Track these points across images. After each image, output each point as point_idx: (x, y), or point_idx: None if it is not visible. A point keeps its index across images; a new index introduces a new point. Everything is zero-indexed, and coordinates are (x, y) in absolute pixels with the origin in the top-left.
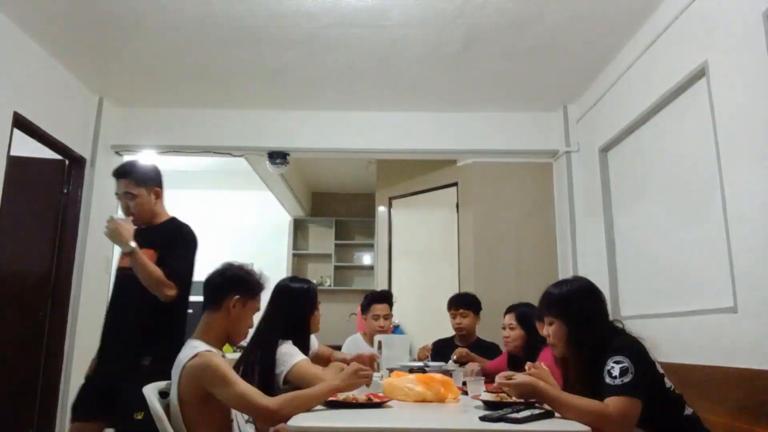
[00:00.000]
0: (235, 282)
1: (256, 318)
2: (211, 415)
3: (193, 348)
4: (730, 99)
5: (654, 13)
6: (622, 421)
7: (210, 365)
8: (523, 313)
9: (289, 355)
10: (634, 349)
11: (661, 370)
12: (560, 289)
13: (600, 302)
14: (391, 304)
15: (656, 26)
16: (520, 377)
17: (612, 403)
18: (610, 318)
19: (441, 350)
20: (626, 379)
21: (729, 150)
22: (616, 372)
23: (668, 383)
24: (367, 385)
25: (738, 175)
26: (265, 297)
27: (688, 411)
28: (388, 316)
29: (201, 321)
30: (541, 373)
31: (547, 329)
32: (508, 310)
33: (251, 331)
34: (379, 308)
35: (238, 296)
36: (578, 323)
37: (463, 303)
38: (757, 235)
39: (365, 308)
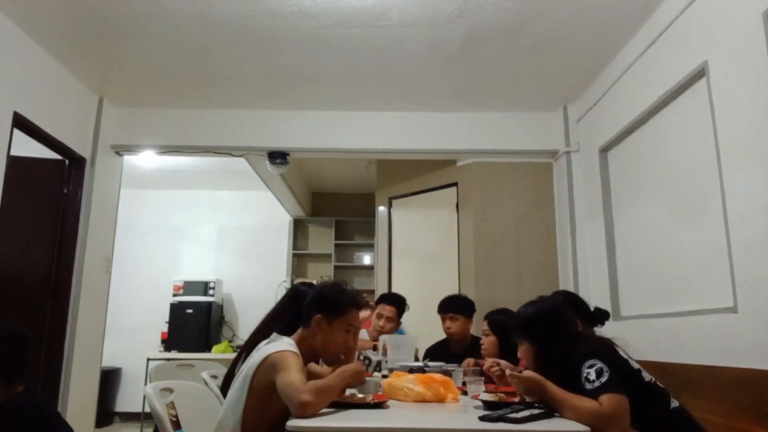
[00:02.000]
0: (320, 300)
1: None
2: (268, 413)
3: (285, 344)
4: (730, 99)
5: (654, 13)
6: (617, 417)
7: (284, 356)
8: (496, 320)
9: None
10: (600, 350)
11: (636, 365)
12: (525, 311)
13: (562, 321)
14: (399, 309)
15: (656, 26)
16: (528, 372)
17: (602, 402)
18: (578, 327)
19: (436, 354)
20: (604, 379)
21: (729, 150)
22: (593, 376)
23: (648, 377)
24: (361, 381)
25: (738, 175)
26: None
27: (675, 404)
28: (390, 319)
29: (296, 333)
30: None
31: (520, 350)
32: (485, 317)
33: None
34: (383, 308)
35: (321, 315)
36: (543, 344)
37: (452, 307)
38: (757, 235)
39: (376, 306)
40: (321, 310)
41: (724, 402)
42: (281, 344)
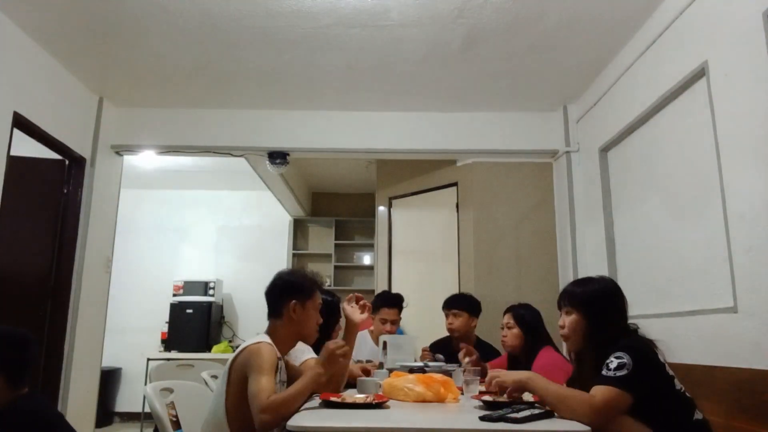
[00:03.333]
0: (289, 288)
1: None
2: (248, 406)
3: (260, 337)
4: (730, 99)
5: (654, 13)
6: (604, 408)
7: (260, 351)
8: (521, 314)
9: (300, 351)
10: (637, 348)
11: (671, 372)
12: (586, 287)
13: (622, 306)
14: (401, 309)
15: (656, 26)
16: (513, 373)
17: (599, 391)
18: (629, 321)
19: (438, 349)
20: (620, 373)
21: (729, 150)
22: (613, 365)
23: (679, 386)
24: (345, 357)
25: (738, 175)
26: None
27: (698, 416)
28: (395, 322)
29: (268, 326)
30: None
31: (564, 319)
32: (507, 310)
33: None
34: (387, 312)
35: (294, 301)
36: (598, 322)
37: (456, 303)
38: (757, 235)
39: (375, 309)
40: (292, 296)
41: (724, 402)
42: (257, 337)
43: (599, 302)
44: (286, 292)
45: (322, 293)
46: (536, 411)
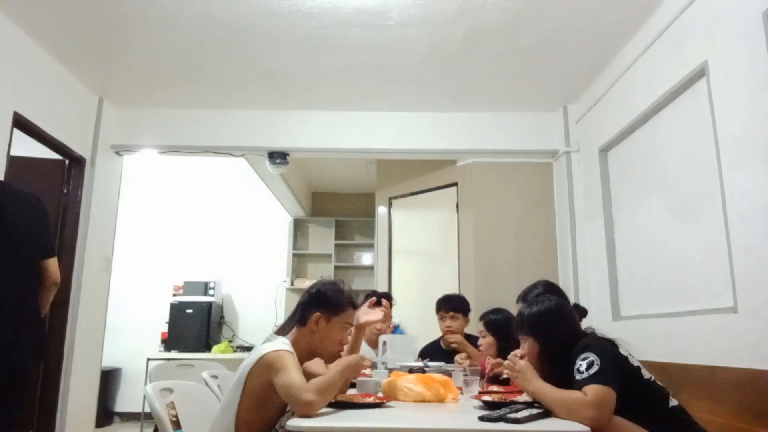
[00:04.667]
0: (319, 299)
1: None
2: (263, 412)
3: (280, 344)
4: (730, 99)
5: (654, 13)
6: (599, 405)
7: (281, 357)
8: (492, 320)
9: None
10: (597, 345)
11: (636, 363)
12: (530, 309)
13: (569, 319)
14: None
15: (656, 26)
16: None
17: (587, 391)
18: (582, 327)
19: (430, 355)
20: (592, 370)
21: (729, 150)
22: (583, 367)
23: (647, 375)
24: (355, 375)
25: (738, 175)
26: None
27: (674, 402)
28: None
29: (292, 332)
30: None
31: (523, 347)
32: (480, 318)
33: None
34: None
35: (320, 313)
36: (548, 341)
37: (453, 306)
38: (757, 235)
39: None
40: (320, 308)
41: (724, 402)
42: (276, 344)
43: (545, 322)
44: (315, 302)
45: (350, 305)
46: (535, 411)
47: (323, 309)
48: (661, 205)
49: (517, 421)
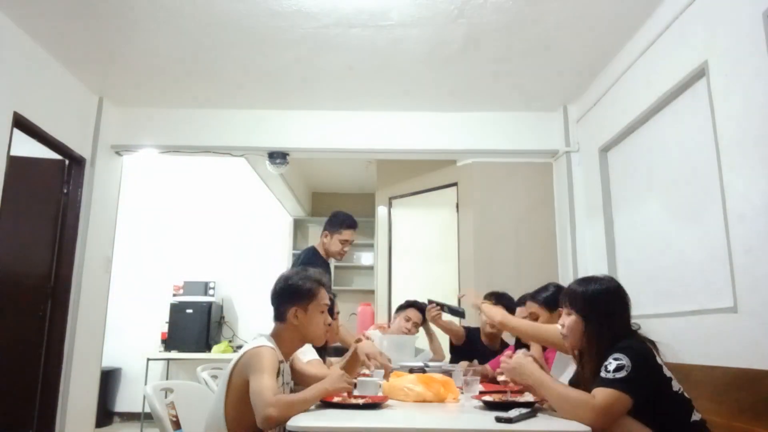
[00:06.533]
0: (290, 293)
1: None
2: (250, 408)
3: (260, 340)
4: (730, 99)
5: (654, 13)
6: (604, 411)
7: (260, 354)
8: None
9: (302, 352)
10: (636, 350)
11: (668, 374)
12: (587, 287)
13: (624, 307)
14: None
15: (656, 26)
16: (514, 358)
17: (599, 393)
18: (632, 320)
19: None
20: (619, 375)
21: (729, 150)
22: (611, 367)
23: (677, 387)
24: (348, 393)
25: (738, 175)
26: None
27: (696, 417)
28: (417, 325)
29: (273, 328)
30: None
31: (564, 319)
32: (553, 297)
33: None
34: (412, 314)
35: (295, 307)
36: (597, 323)
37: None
38: (757, 235)
39: (402, 308)
40: (293, 302)
41: (724, 402)
42: (259, 340)
43: (599, 304)
44: (287, 298)
45: (320, 285)
46: (524, 410)
47: (297, 302)
48: (661, 204)
49: (511, 420)
